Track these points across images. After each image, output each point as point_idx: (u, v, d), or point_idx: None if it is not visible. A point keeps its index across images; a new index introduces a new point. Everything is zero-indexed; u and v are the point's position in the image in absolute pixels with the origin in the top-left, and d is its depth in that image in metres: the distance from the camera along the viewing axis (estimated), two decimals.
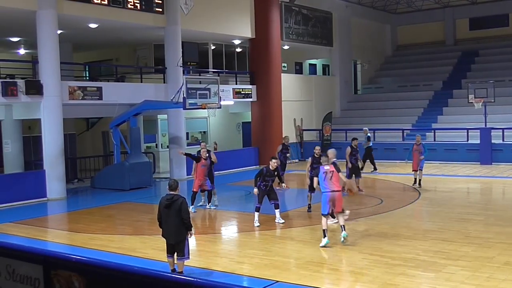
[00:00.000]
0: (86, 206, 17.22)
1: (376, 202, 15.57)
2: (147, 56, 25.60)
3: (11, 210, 16.29)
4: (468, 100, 24.51)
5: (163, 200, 8.92)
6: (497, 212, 14.19)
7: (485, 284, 8.41)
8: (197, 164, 14.78)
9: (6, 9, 16.83)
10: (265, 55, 25.63)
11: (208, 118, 25.68)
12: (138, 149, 20.63)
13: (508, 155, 23.28)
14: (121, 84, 22.17)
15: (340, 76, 32.50)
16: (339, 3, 31.77)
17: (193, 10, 22.18)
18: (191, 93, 18.71)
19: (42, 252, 6.14)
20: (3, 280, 5.83)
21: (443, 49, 36.80)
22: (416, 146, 18.09)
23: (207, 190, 15.16)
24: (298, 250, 10.80)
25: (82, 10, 18.62)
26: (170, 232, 8.91)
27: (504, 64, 31.37)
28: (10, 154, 19.96)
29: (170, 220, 8.85)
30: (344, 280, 8.87)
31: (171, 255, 9.08)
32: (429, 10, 36.72)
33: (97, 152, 25.05)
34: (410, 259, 9.78)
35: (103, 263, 5.54)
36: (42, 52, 17.76)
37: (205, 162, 14.79)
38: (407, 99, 31.62)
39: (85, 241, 12.01)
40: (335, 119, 29.79)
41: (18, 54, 25.91)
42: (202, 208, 15.41)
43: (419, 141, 18.21)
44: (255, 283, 8.76)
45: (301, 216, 14.53)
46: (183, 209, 8.78)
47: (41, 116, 17.84)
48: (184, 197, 9.04)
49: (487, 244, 10.67)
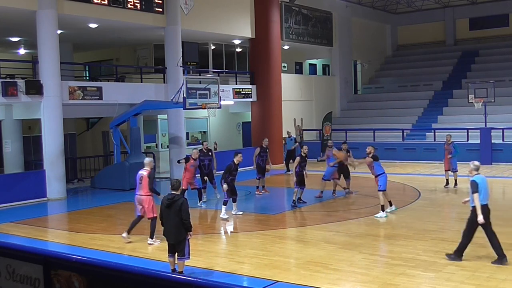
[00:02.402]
0: (86, 206, 17.23)
1: (376, 202, 15.56)
2: (147, 56, 25.61)
3: (11, 210, 16.29)
4: (468, 100, 24.51)
5: (164, 200, 8.97)
6: (497, 212, 14.09)
7: (485, 284, 8.41)
8: (187, 164, 15.26)
9: (6, 9, 16.84)
10: (265, 55, 25.64)
11: (208, 118, 25.67)
12: (138, 149, 20.63)
13: (508, 155, 23.28)
14: (121, 84, 22.16)
15: (340, 76, 32.51)
16: (339, 3, 31.77)
17: (193, 10, 22.19)
18: (191, 93, 18.71)
19: (42, 252, 6.13)
20: (3, 280, 5.83)
21: (443, 49, 36.81)
22: (447, 146, 17.84)
23: (196, 189, 15.52)
24: (298, 250, 10.80)
25: (82, 10, 18.62)
26: (170, 232, 8.94)
27: (504, 64, 31.38)
28: (10, 154, 19.96)
29: (170, 220, 8.88)
30: (344, 280, 8.86)
31: (172, 255, 9.10)
32: (429, 10, 36.72)
33: (97, 152, 25.06)
34: (410, 259, 9.78)
35: (103, 263, 5.53)
36: (42, 52, 17.76)
37: (194, 162, 15.34)
38: (407, 99, 31.63)
39: (85, 241, 12.01)
40: (335, 119, 29.79)
41: (18, 54, 25.92)
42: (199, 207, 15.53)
43: (449, 140, 17.85)
44: (255, 283, 8.76)
45: (300, 216, 14.54)
46: (183, 210, 8.78)
47: (41, 116, 17.84)
48: (185, 198, 9.04)
49: (487, 244, 10.64)
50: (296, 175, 15.16)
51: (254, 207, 16.28)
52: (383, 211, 13.56)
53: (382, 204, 13.60)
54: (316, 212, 14.73)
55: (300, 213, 14.74)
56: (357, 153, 24.16)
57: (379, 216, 13.43)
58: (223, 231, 13.33)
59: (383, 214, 13.50)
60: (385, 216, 13.46)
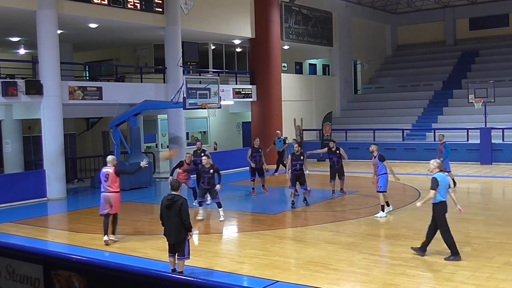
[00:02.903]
0: (86, 206, 17.22)
1: (376, 202, 15.56)
2: (147, 56, 25.61)
3: (11, 210, 16.29)
4: (468, 100, 24.51)
5: (164, 200, 8.98)
6: (497, 212, 14.19)
7: (485, 284, 8.42)
8: (180, 169, 15.08)
9: (6, 9, 16.84)
10: (265, 55, 25.64)
11: (208, 118, 25.67)
12: (138, 149, 20.63)
13: (508, 155, 23.27)
14: (121, 84, 22.16)
15: (340, 76, 32.51)
16: (339, 3, 31.77)
17: (193, 10, 22.19)
18: (191, 93, 18.71)
19: (42, 252, 6.13)
20: (3, 280, 5.83)
21: (443, 49, 36.81)
22: (440, 146, 17.82)
23: (191, 188, 15.55)
24: (298, 250, 10.80)
25: (82, 10, 18.62)
26: (170, 232, 8.95)
27: (504, 64, 31.38)
28: (10, 154, 19.96)
29: (170, 220, 8.89)
30: (344, 280, 8.86)
31: (173, 255, 9.10)
32: (429, 10, 36.72)
33: (97, 152, 25.04)
34: (410, 259, 9.78)
35: (103, 263, 5.54)
36: (42, 52, 17.77)
37: (188, 167, 15.13)
38: (407, 99, 31.63)
39: (85, 241, 12.01)
40: (335, 119, 29.79)
41: (18, 54, 25.92)
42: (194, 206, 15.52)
43: (442, 140, 17.82)
44: (255, 283, 8.76)
45: (300, 216, 14.54)
46: (183, 210, 8.79)
47: (41, 116, 17.84)
48: (185, 198, 9.04)
49: (487, 244, 10.67)
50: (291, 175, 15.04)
51: (254, 207, 16.28)
52: (383, 211, 13.57)
53: (382, 204, 13.61)
54: (316, 212, 14.72)
55: (300, 213, 14.73)
56: (357, 153, 24.30)
57: (379, 216, 13.47)
58: (223, 231, 13.32)
59: (383, 214, 13.53)
60: (385, 216, 13.49)
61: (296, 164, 14.92)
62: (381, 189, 13.56)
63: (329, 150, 16.79)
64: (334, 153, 16.58)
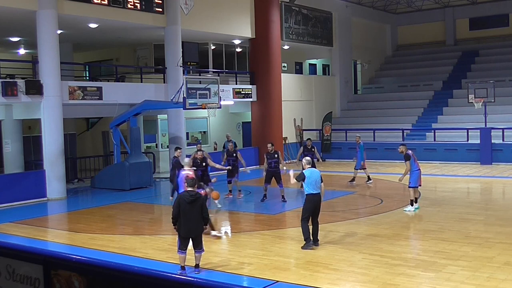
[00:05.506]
0: (86, 206, 17.22)
1: (376, 202, 15.58)
2: (147, 56, 25.61)
3: (11, 210, 16.29)
4: (468, 100, 24.52)
5: (186, 197, 9.29)
6: (497, 212, 14.19)
7: (485, 284, 8.41)
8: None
9: (6, 9, 16.84)
10: (265, 55, 25.63)
11: (208, 118, 25.68)
12: (138, 149, 20.63)
13: (508, 155, 23.28)
14: (121, 84, 22.16)
15: (340, 76, 32.50)
16: (339, 3, 31.77)
17: (193, 10, 22.18)
18: (191, 93, 18.70)
19: (42, 252, 6.12)
20: (3, 280, 5.83)
21: (443, 49, 36.81)
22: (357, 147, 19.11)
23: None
24: (298, 250, 10.79)
25: (82, 10, 18.62)
26: (192, 226, 9.27)
27: (504, 64, 31.38)
28: (10, 154, 19.96)
29: (192, 215, 9.24)
30: (344, 280, 8.86)
31: (184, 251, 9.33)
32: (429, 10, 36.73)
33: (97, 152, 25.05)
34: (410, 259, 9.79)
35: (103, 263, 5.53)
36: (42, 52, 17.76)
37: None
38: (407, 99, 31.62)
39: (85, 241, 12.01)
40: (335, 119, 29.79)
41: (18, 54, 25.92)
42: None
43: (358, 141, 19.07)
44: (255, 283, 8.77)
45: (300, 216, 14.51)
46: (204, 206, 9.43)
47: (41, 116, 17.84)
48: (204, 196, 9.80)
49: (487, 244, 10.67)
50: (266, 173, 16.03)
51: (254, 207, 16.28)
52: (412, 205, 14.05)
53: (411, 199, 14.11)
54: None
55: (300, 213, 14.69)
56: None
57: (407, 210, 14.02)
58: (223, 231, 13.32)
59: (412, 208, 14.02)
60: (414, 211, 13.92)
61: (271, 162, 15.86)
62: (411, 184, 14.18)
63: (305, 147, 17.57)
64: (310, 150, 17.33)
